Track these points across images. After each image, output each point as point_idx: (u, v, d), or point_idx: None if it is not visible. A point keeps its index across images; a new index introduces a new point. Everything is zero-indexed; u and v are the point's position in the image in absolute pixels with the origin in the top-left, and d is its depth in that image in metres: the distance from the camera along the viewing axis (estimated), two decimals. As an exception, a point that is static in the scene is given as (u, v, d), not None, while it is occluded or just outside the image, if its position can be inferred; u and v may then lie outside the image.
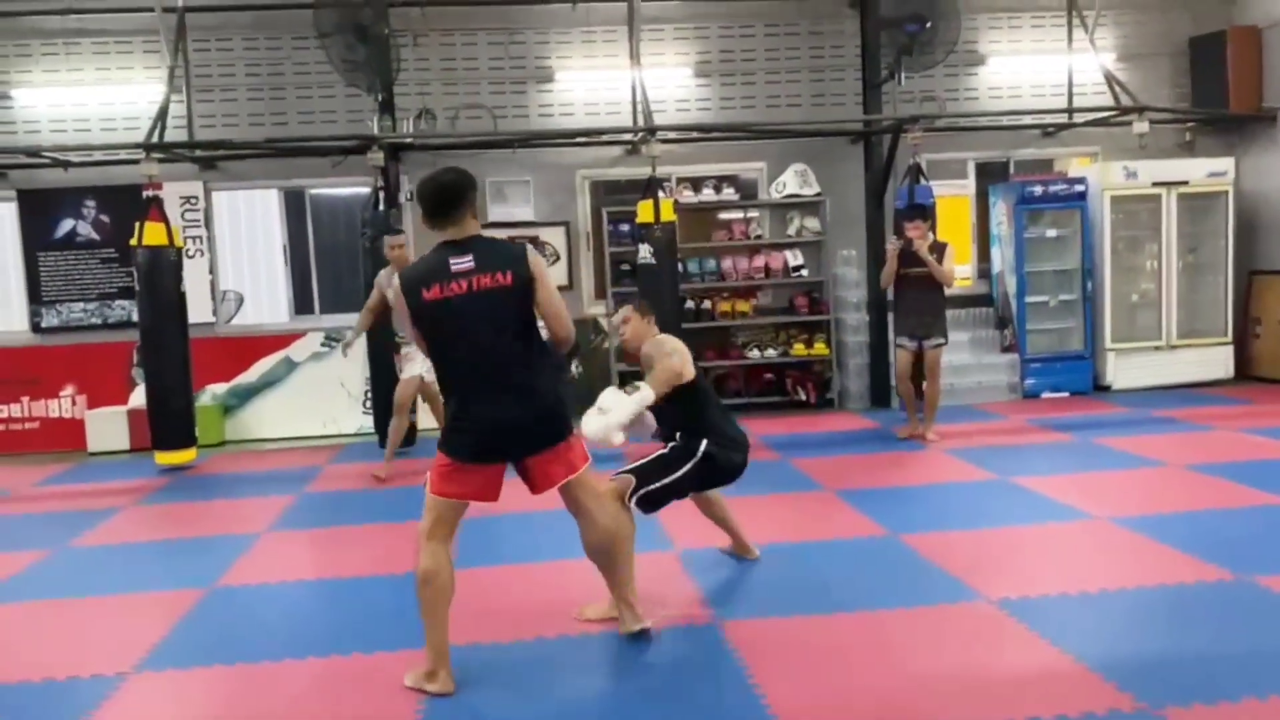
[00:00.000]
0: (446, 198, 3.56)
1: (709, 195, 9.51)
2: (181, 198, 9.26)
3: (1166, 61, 10.23)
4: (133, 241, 7.85)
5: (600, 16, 9.49)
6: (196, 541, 5.99)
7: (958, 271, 8.39)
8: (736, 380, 9.64)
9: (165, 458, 7.95)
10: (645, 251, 8.33)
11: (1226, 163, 9.69)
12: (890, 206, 9.08)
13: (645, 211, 8.30)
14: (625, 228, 9.22)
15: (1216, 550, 4.72)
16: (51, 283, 9.30)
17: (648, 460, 4.40)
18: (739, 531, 4.95)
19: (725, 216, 9.84)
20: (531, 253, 3.61)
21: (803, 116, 9.77)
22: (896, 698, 3.45)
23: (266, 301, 9.73)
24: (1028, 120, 9.96)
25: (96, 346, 9.31)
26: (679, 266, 8.84)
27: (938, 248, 7.57)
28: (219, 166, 9.40)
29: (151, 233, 7.74)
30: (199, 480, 7.78)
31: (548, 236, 9.49)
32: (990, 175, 10.26)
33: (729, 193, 9.56)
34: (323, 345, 9.33)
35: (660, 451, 4.46)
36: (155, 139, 8.07)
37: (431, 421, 8.17)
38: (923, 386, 7.81)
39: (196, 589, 4.93)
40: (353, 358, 7.86)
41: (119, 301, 9.31)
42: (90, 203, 9.26)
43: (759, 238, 9.67)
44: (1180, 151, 10.14)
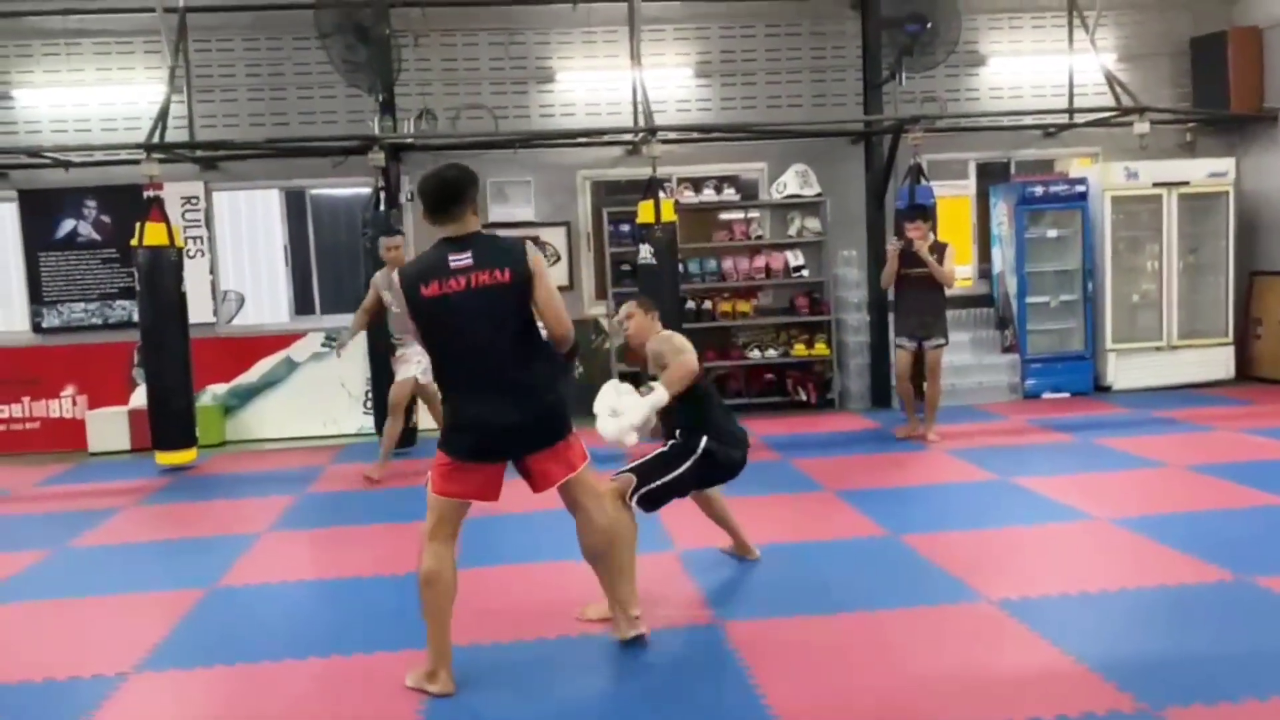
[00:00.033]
0: (447, 194, 3.55)
1: (710, 195, 9.51)
2: (182, 198, 9.27)
3: (1167, 62, 10.23)
4: (133, 242, 7.85)
5: (601, 17, 9.49)
6: (197, 542, 5.99)
7: (958, 272, 8.39)
8: (737, 380, 9.64)
9: (166, 458, 7.95)
10: (646, 252, 8.33)
11: (1227, 163, 9.69)
12: (891, 207, 9.08)
13: (646, 212, 8.31)
14: (626, 228, 9.22)
15: (1217, 551, 4.72)
16: (52, 283, 9.31)
17: (648, 459, 4.40)
18: (739, 532, 4.95)
19: (726, 217, 9.84)
20: (531, 250, 3.58)
21: (803, 117, 9.76)
22: (897, 698, 3.45)
23: (267, 302, 9.73)
24: (1028, 121, 9.95)
25: (97, 347, 9.31)
26: (680, 267, 8.84)
27: (938, 248, 7.57)
28: (220, 167, 9.40)
29: (152, 233, 7.74)
30: (200, 480, 7.79)
31: (548, 237, 9.49)
32: (991, 175, 10.26)
33: (730, 193, 9.55)
34: (323, 345, 9.33)
35: (660, 449, 4.47)
36: (156, 139, 8.08)
37: (432, 422, 8.16)
38: (923, 387, 7.82)
39: (197, 589, 4.94)
40: (352, 358, 7.86)
41: (120, 302, 9.32)
42: (91, 203, 9.27)
43: (760, 238, 9.67)
44: (1181, 152, 10.14)
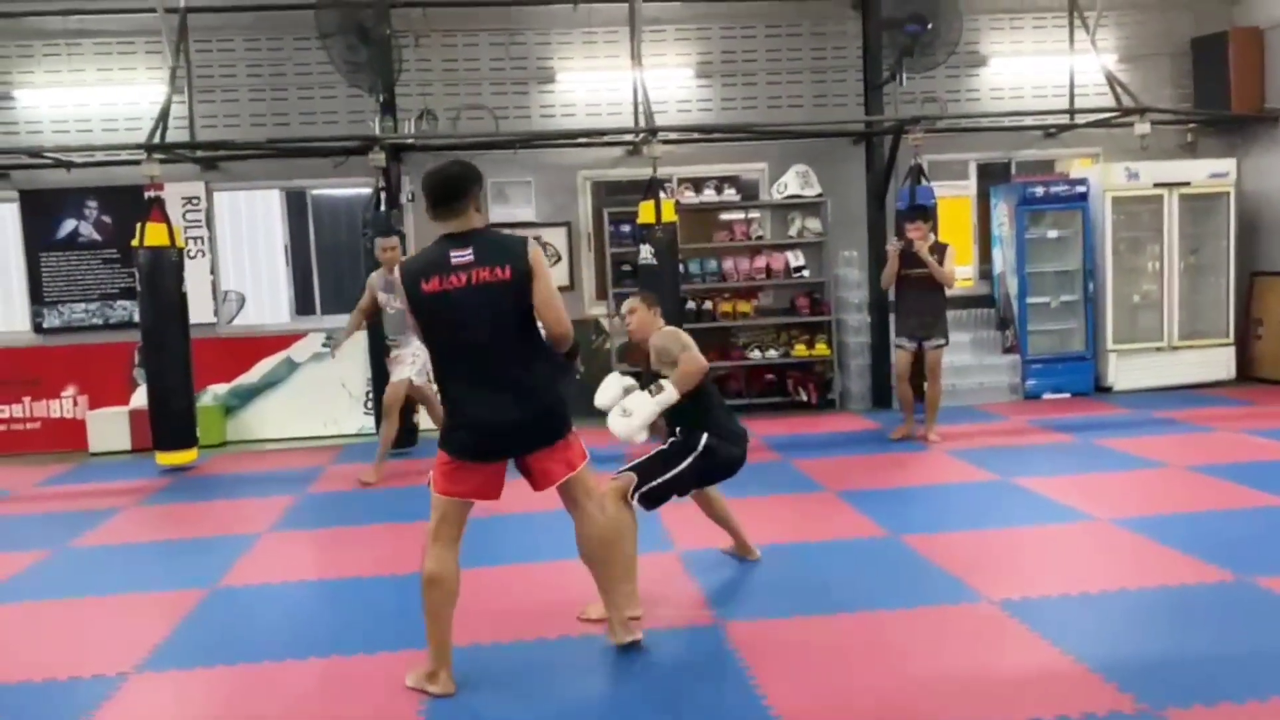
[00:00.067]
0: (450, 190, 3.54)
1: (710, 196, 9.50)
2: (183, 198, 9.27)
3: (1168, 62, 10.22)
4: (134, 242, 7.85)
5: (601, 17, 9.49)
6: (198, 542, 5.99)
7: (959, 272, 8.40)
8: (738, 381, 9.64)
9: (166, 458, 7.95)
10: (646, 252, 8.33)
11: (1228, 164, 9.69)
12: (892, 207, 9.08)
13: (646, 212, 8.31)
14: (626, 228, 9.22)
15: (1217, 551, 4.72)
16: (53, 283, 9.31)
17: (648, 457, 4.41)
18: (740, 532, 4.95)
19: (726, 217, 9.84)
20: (532, 246, 3.56)
21: (804, 117, 9.76)
22: (897, 698, 3.45)
23: (268, 302, 9.73)
24: (1029, 121, 9.95)
25: (98, 347, 9.31)
26: (680, 267, 8.85)
27: (938, 249, 7.57)
28: (220, 167, 9.41)
29: (153, 233, 7.75)
30: (200, 481, 7.79)
31: (549, 237, 9.49)
32: (992, 176, 10.25)
33: (730, 193, 9.55)
34: (324, 346, 9.33)
35: (660, 447, 4.47)
36: (157, 139, 8.08)
37: (432, 421, 8.16)
38: (922, 387, 7.82)
39: (198, 589, 4.94)
40: (352, 358, 7.85)
41: (120, 302, 9.32)
42: (92, 203, 9.27)
43: (760, 238, 9.67)
44: (1182, 152, 10.14)
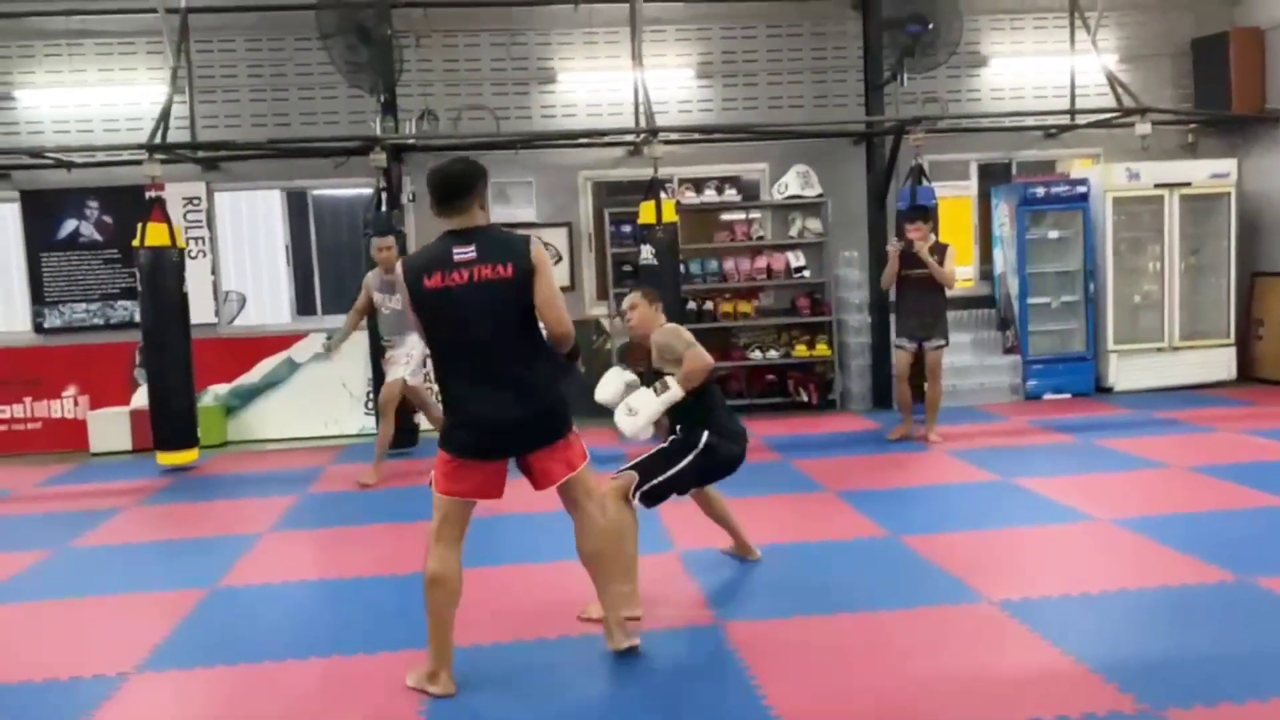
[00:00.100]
0: (456, 187, 3.54)
1: (711, 196, 9.50)
2: (184, 198, 9.27)
3: (1169, 62, 10.22)
4: (135, 242, 7.85)
5: (602, 17, 9.49)
6: (198, 542, 5.99)
7: (959, 273, 8.39)
8: (738, 381, 9.64)
9: (167, 458, 7.95)
10: (647, 252, 8.33)
11: (1229, 164, 9.68)
12: (893, 208, 9.08)
13: (647, 212, 8.31)
14: (627, 228, 9.21)
15: (1218, 552, 4.72)
16: (54, 283, 9.31)
17: (649, 455, 4.41)
18: (740, 532, 4.95)
19: (727, 217, 9.84)
20: (535, 244, 3.56)
21: (805, 118, 9.76)
22: (898, 699, 3.45)
23: (269, 302, 9.73)
24: (1030, 121, 9.95)
25: (99, 347, 9.31)
26: (681, 267, 8.85)
27: (939, 249, 7.57)
28: (221, 167, 9.41)
29: (154, 233, 7.74)
30: (201, 481, 7.79)
31: (550, 237, 9.49)
32: (992, 176, 10.25)
33: (731, 194, 9.55)
34: (321, 348, 9.31)
35: (660, 446, 4.47)
36: (158, 140, 8.08)
37: (429, 423, 8.15)
38: (922, 388, 7.81)
39: (199, 589, 4.94)
40: (353, 358, 7.84)
41: (121, 302, 9.32)
42: (93, 203, 9.27)
43: (761, 239, 9.66)
44: (1182, 153, 10.13)
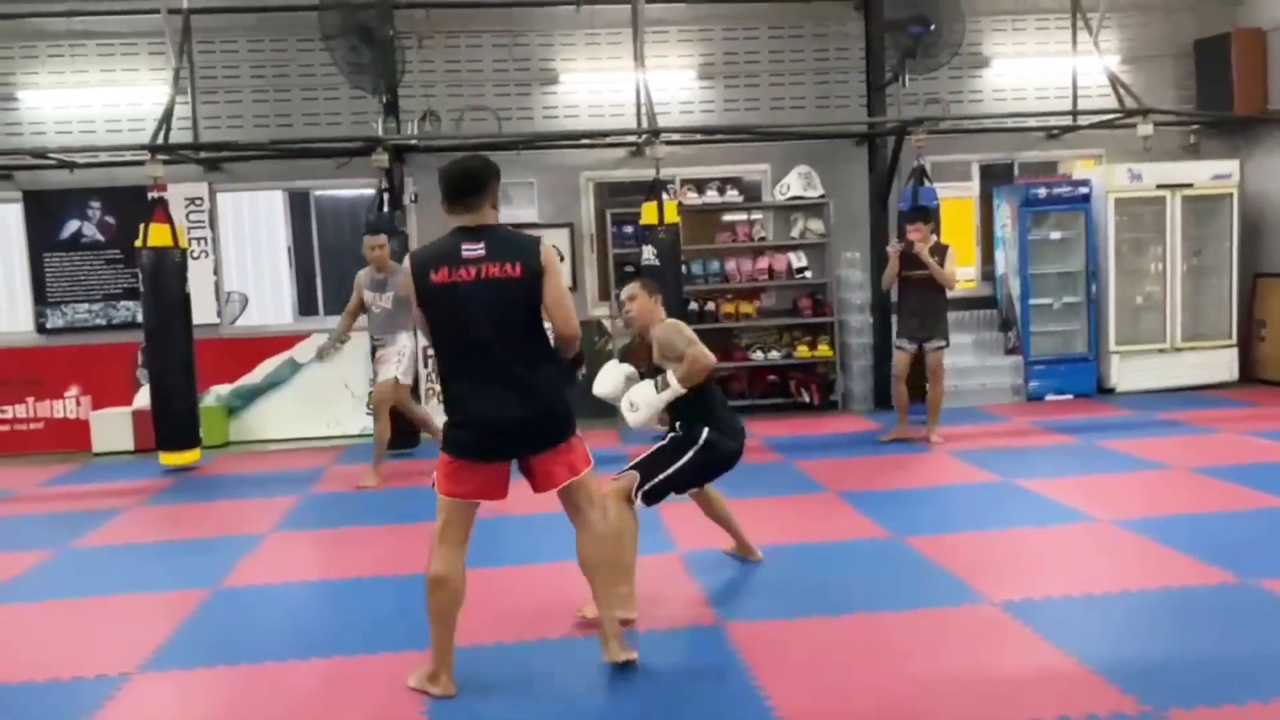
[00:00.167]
0: (468, 183, 3.53)
1: (713, 197, 9.50)
2: (186, 199, 9.29)
3: (1171, 63, 10.22)
4: (138, 243, 7.85)
5: (604, 18, 9.49)
6: (200, 542, 5.99)
7: (961, 274, 8.39)
8: (740, 382, 9.63)
9: (169, 458, 7.96)
10: (649, 253, 8.34)
11: (1231, 165, 9.68)
12: (894, 209, 9.07)
13: (649, 213, 8.31)
14: (629, 229, 9.22)
15: (1220, 553, 4.72)
16: (57, 284, 9.32)
17: (649, 454, 4.41)
18: (741, 533, 4.95)
19: (729, 218, 9.84)
20: (544, 246, 3.55)
21: (807, 119, 9.77)
22: (900, 699, 3.45)
23: (271, 303, 9.74)
24: (1032, 122, 9.95)
25: (101, 347, 9.32)
26: (683, 268, 8.86)
27: (939, 250, 7.57)
28: (224, 168, 9.42)
29: (156, 234, 7.75)
30: (203, 481, 7.80)
31: (552, 238, 9.48)
32: (994, 177, 10.25)
33: (733, 195, 9.55)
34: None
35: (660, 444, 4.47)
36: (160, 140, 8.09)
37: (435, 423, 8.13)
38: (922, 389, 7.80)
39: (200, 589, 4.94)
40: (354, 358, 7.83)
41: (124, 302, 9.33)
42: (95, 204, 9.28)
43: (763, 240, 9.66)
44: (1185, 154, 10.12)
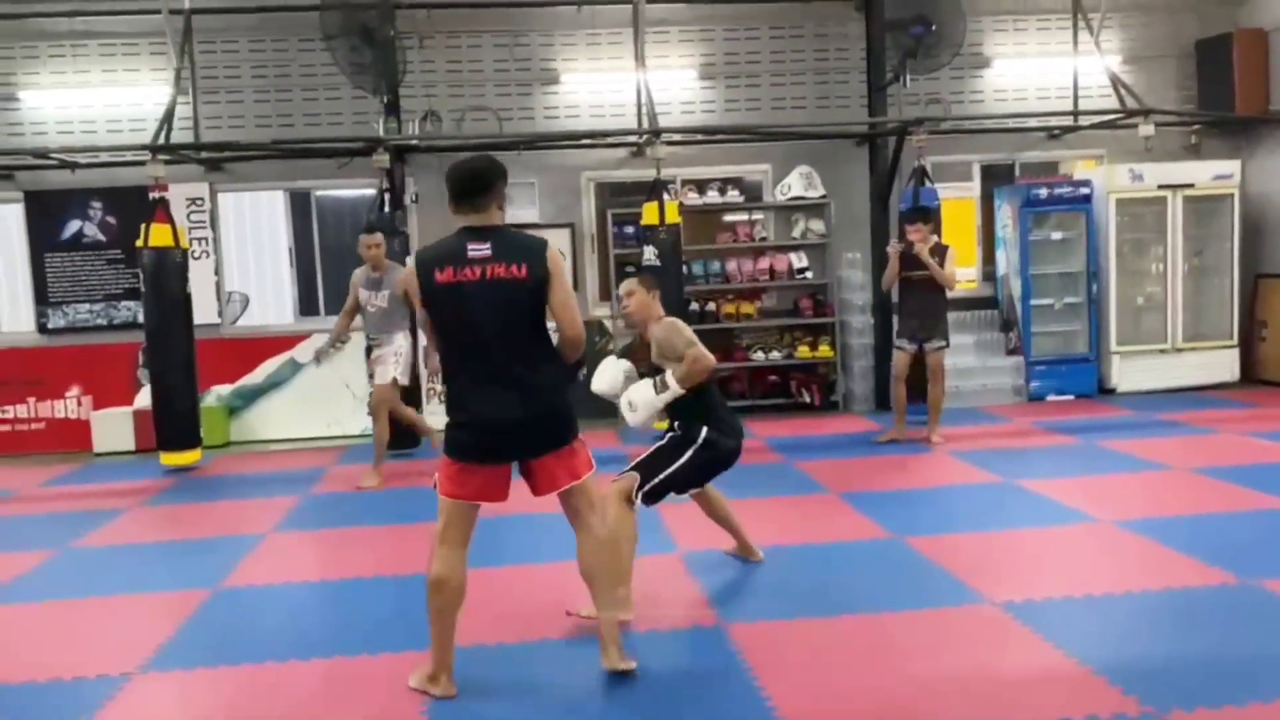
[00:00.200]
0: (476, 183, 3.53)
1: (714, 197, 9.49)
2: (187, 199, 9.29)
3: (1172, 64, 10.21)
4: (139, 243, 7.86)
5: (605, 19, 9.49)
6: (201, 542, 5.99)
7: (962, 274, 8.38)
8: (741, 382, 9.63)
9: (170, 459, 7.96)
10: (650, 253, 8.33)
11: (1232, 165, 9.67)
12: (895, 209, 9.06)
13: (650, 213, 8.31)
14: (630, 229, 9.22)
15: (1221, 554, 4.72)
16: (58, 284, 9.33)
17: (648, 454, 4.41)
18: (742, 533, 4.95)
19: (730, 219, 9.83)
20: (551, 249, 3.56)
21: (808, 119, 9.76)
22: (901, 700, 3.45)
23: (272, 303, 9.75)
24: (1033, 123, 9.94)
25: (102, 347, 9.32)
26: (684, 268, 8.85)
27: (939, 250, 7.57)
28: (225, 168, 9.42)
29: (157, 234, 7.75)
30: (204, 481, 7.80)
31: (552, 238, 9.40)
32: (995, 178, 10.24)
33: (734, 195, 9.55)
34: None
35: (659, 444, 4.46)
36: (161, 140, 8.09)
37: (436, 423, 8.13)
38: (922, 389, 7.79)
39: (201, 590, 4.94)
40: (355, 359, 7.81)
41: (125, 302, 9.33)
42: (96, 204, 9.29)
43: (764, 240, 9.66)
44: (1186, 154, 10.11)
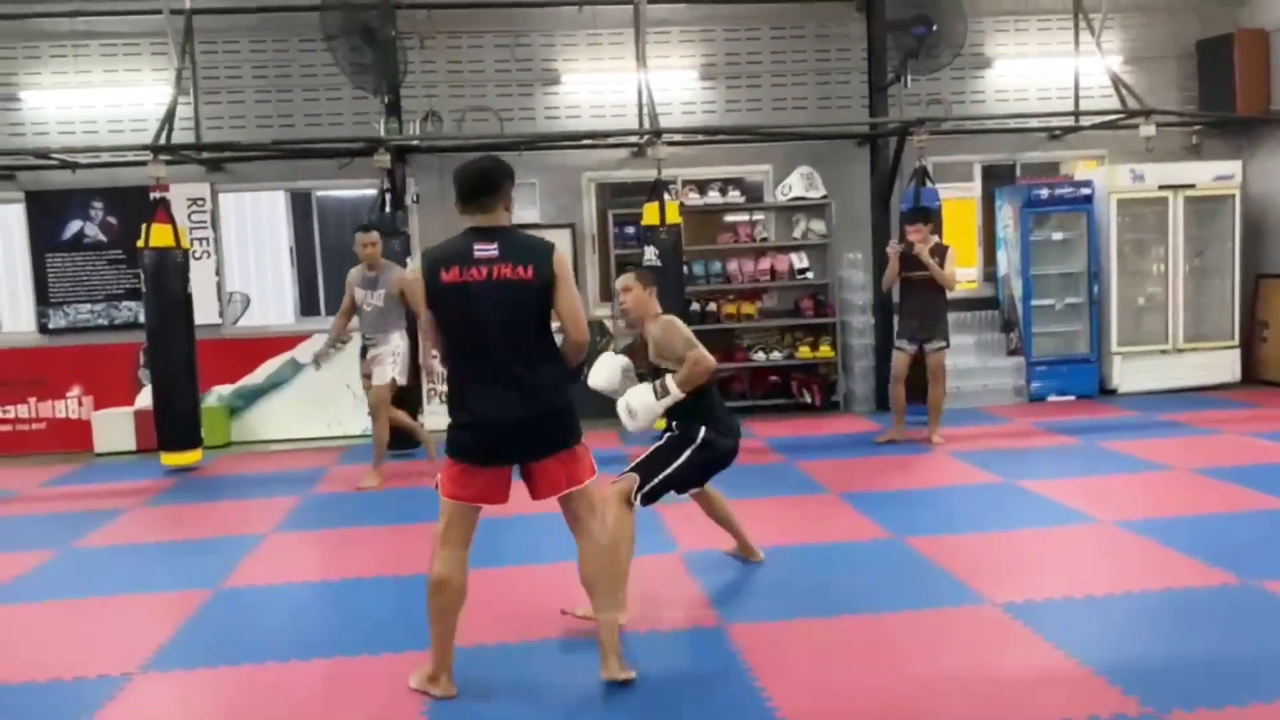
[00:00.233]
0: (484, 184, 3.54)
1: (715, 198, 9.49)
2: (188, 199, 9.29)
3: (1173, 64, 10.21)
4: (140, 243, 7.86)
5: (606, 19, 9.49)
6: (202, 542, 6.00)
7: (963, 275, 8.38)
8: (742, 383, 9.63)
9: (171, 459, 7.96)
10: (651, 254, 8.33)
11: (1234, 166, 9.67)
12: (896, 209, 9.06)
13: (651, 214, 8.31)
14: (631, 230, 9.22)
15: (1222, 554, 4.72)
16: (59, 284, 9.33)
17: (647, 455, 4.40)
18: (743, 533, 4.95)
19: (731, 219, 9.83)
20: (558, 252, 3.56)
21: (808, 119, 9.76)
22: (901, 701, 3.45)
23: (273, 303, 9.75)
24: (1034, 123, 9.94)
25: (103, 348, 9.33)
26: (684, 269, 8.85)
27: (939, 251, 7.56)
28: (226, 168, 9.43)
29: (158, 234, 7.75)
30: (205, 481, 7.80)
31: (553, 239, 9.44)
32: (996, 178, 10.24)
33: (735, 195, 9.55)
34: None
35: (657, 444, 4.46)
36: (162, 141, 8.09)
37: (438, 423, 8.14)
38: (922, 390, 7.79)
39: (202, 590, 4.94)
40: (356, 359, 7.79)
41: (126, 303, 9.33)
42: (97, 204, 9.29)
43: (764, 240, 9.66)
44: (1187, 154, 10.11)
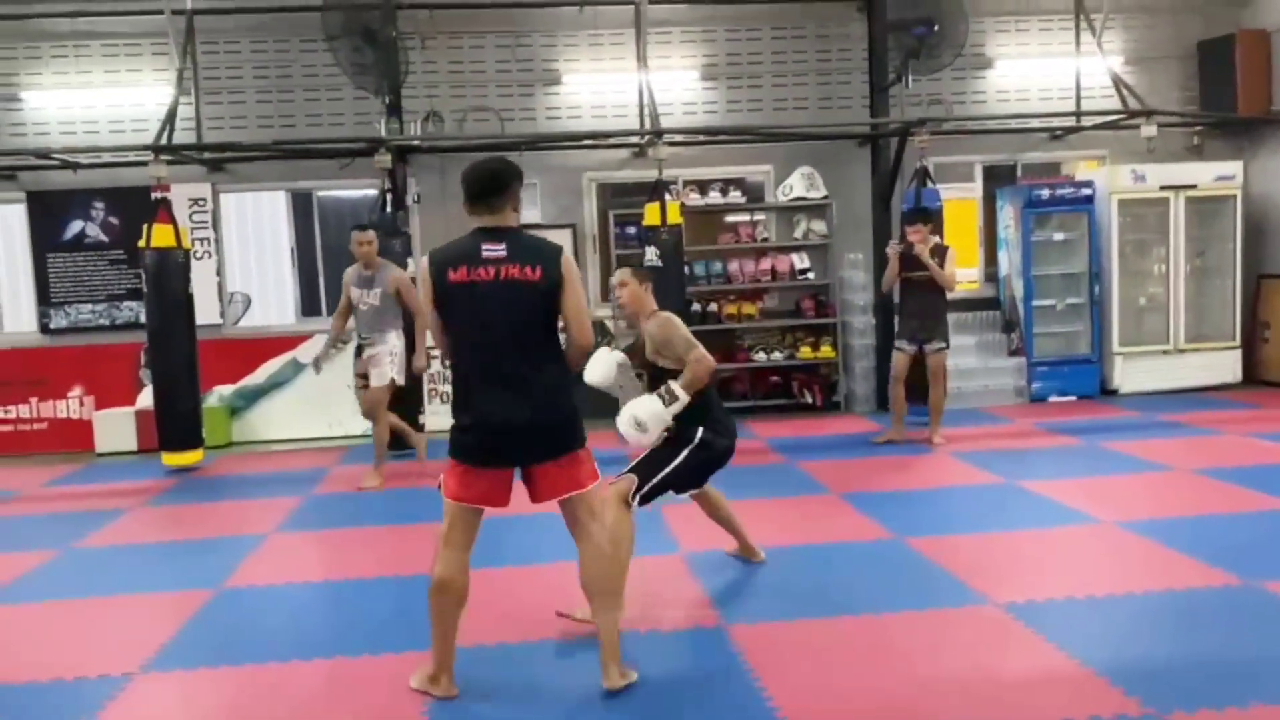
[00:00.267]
0: (493, 184, 3.53)
1: (715, 198, 9.50)
2: (189, 199, 9.30)
3: (1175, 65, 10.20)
4: (141, 243, 7.86)
5: (607, 19, 9.49)
6: (204, 542, 6.00)
7: (964, 275, 8.37)
8: (743, 383, 9.63)
9: (172, 459, 7.96)
10: (652, 254, 8.32)
11: (1235, 166, 9.67)
12: (897, 210, 9.06)
13: (652, 214, 8.31)
14: (632, 230, 9.22)
15: (1223, 555, 4.71)
16: (60, 284, 9.34)
17: (645, 456, 4.39)
18: (744, 534, 4.95)
19: (732, 219, 9.83)
20: (565, 254, 3.57)
21: (809, 119, 9.76)
22: (903, 701, 3.45)
23: (274, 303, 9.76)
24: (1035, 123, 9.94)
25: (104, 348, 9.33)
26: (685, 269, 8.85)
27: (940, 251, 7.56)
28: (227, 168, 9.43)
29: (159, 234, 7.75)
30: (206, 481, 7.80)
31: (554, 239, 9.46)
32: (997, 178, 10.24)
33: (735, 195, 9.56)
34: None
35: (656, 445, 4.45)
36: (164, 141, 8.10)
37: (439, 423, 8.14)
38: (922, 390, 7.79)
39: (204, 590, 4.95)
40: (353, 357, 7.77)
41: (127, 303, 9.34)
42: (99, 204, 9.30)
43: (765, 240, 9.66)
44: (1188, 155, 10.11)
